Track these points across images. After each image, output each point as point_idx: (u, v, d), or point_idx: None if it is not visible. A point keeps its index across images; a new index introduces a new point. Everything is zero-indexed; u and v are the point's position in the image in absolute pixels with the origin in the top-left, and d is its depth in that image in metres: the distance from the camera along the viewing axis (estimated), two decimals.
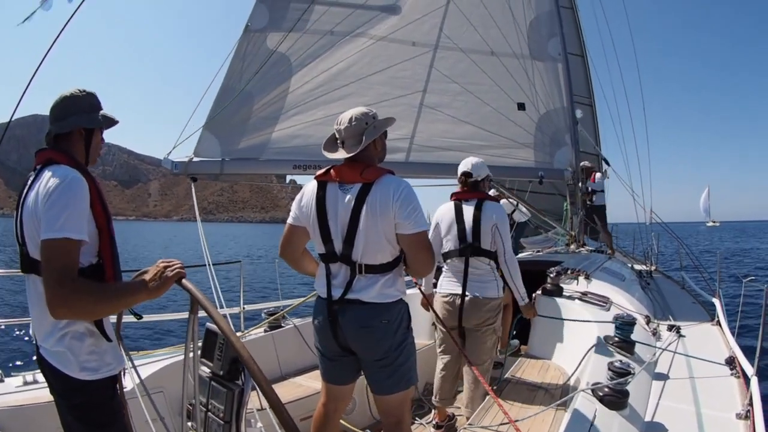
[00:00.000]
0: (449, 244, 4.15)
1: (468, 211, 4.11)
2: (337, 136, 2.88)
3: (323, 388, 3.05)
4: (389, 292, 2.77)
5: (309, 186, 2.92)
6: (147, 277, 2.10)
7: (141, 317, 2.61)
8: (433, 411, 4.46)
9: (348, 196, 2.73)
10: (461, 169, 4.26)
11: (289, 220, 2.98)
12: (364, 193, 2.70)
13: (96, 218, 2.08)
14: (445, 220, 4.19)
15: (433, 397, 4.32)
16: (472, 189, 4.22)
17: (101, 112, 2.34)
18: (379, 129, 2.87)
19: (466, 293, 4.06)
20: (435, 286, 4.39)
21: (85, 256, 2.04)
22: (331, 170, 2.83)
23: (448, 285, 4.20)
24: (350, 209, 2.70)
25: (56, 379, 2.09)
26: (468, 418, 3.88)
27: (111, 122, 2.38)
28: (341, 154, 2.84)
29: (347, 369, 2.96)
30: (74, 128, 2.25)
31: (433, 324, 4.31)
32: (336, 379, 3.00)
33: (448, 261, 4.20)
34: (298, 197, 2.95)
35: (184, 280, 2.11)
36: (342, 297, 2.74)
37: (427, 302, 4.12)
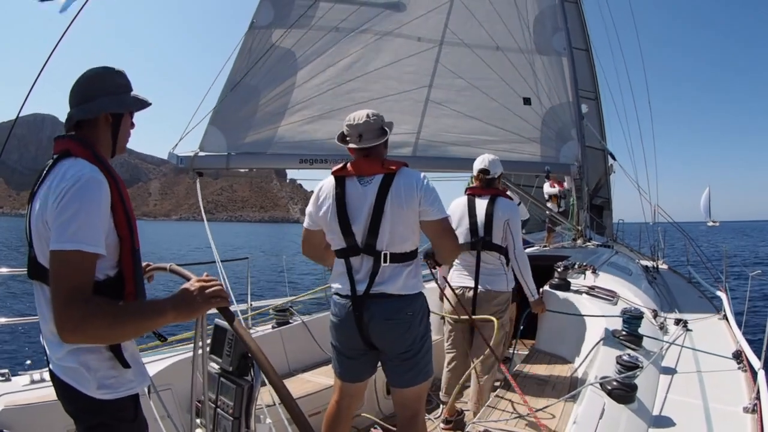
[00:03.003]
0: (460, 237, 4.07)
1: (481, 205, 4.16)
2: (350, 131, 2.87)
3: (337, 385, 3.05)
4: (413, 284, 2.79)
5: (326, 183, 2.92)
6: (178, 293, 1.83)
7: (165, 339, 2.38)
8: (441, 406, 4.46)
9: (370, 188, 2.76)
10: (478, 166, 4.31)
11: (305, 224, 3.00)
12: (387, 182, 2.73)
13: (117, 225, 1.80)
14: (456, 214, 4.23)
15: (440, 393, 4.34)
16: (487, 186, 4.28)
17: (132, 93, 2.03)
18: (391, 129, 2.94)
19: (478, 286, 4.12)
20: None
21: (102, 269, 1.76)
22: (348, 165, 2.85)
23: (458, 278, 4.24)
24: (374, 199, 2.72)
25: (68, 398, 1.84)
26: (475, 414, 3.89)
27: (142, 105, 2.06)
28: (365, 144, 2.84)
29: (365, 366, 2.98)
30: (101, 113, 1.93)
31: (442, 318, 4.32)
32: (353, 378, 3.00)
33: (459, 255, 4.19)
34: (314, 197, 2.95)
35: (173, 266, 2.05)
36: (367, 290, 2.73)
37: (443, 294, 4.18)
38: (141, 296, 1.91)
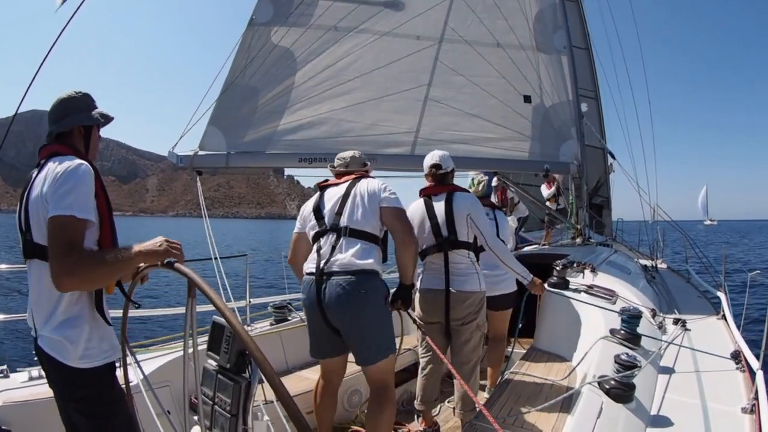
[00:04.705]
0: (424, 241, 3.98)
1: (438, 206, 3.97)
2: (339, 163, 3.74)
3: (320, 364, 3.53)
4: (367, 256, 3.18)
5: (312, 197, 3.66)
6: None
7: (139, 306, 2.60)
8: (418, 416, 4.34)
9: (342, 185, 3.48)
10: (429, 162, 4.15)
11: (294, 230, 3.63)
12: (355, 181, 3.47)
13: (98, 208, 2.16)
14: (416, 217, 4.03)
15: (415, 401, 4.20)
16: (440, 182, 4.11)
17: (96, 110, 2.47)
18: (370, 170, 3.83)
19: (450, 288, 3.91)
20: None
21: (86, 244, 2.10)
22: (329, 180, 3.66)
23: (427, 280, 4.01)
24: (344, 190, 3.42)
25: (55, 370, 2.14)
26: (463, 422, 3.87)
27: (107, 119, 2.52)
28: (350, 168, 3.69)
29: (329, 344, 3.33)
30: (74, 126, 2.38)
31: (415, 321, 4.01)
32: (319, 354, 3.44)
33: (427, 258, 4.02)
34: (302, 207, 3.62)
35: (177, 264, 2.14)
36: (327, 261, 3.16)
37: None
38: None
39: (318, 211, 3.42)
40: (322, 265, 3.16)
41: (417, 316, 4.05)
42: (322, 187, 3.59)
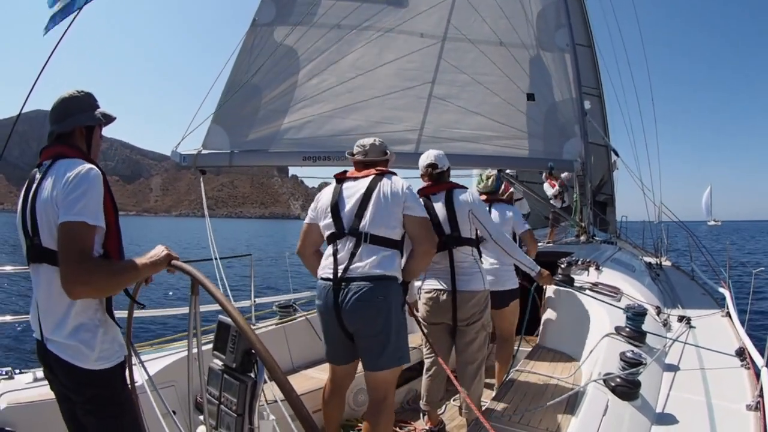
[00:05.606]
0: None
1: (438, 205, 3.89)
2: (358, 150, 3.50)
3: (329, 366, 3.40)
4: (388, 265, 3.07)
5: (329, 186, 3.43)
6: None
7: (144, 306, 2.65)
8: (423, 415, 4.34)
9: (362, 182, 3.25)
10: (425, 161, 4.08)
11: (306, 220, 3.45)
12: (377, 179, 3.23)
13: (105, 212, 2.14)
14: None
15: (421, 401, 4.17)
16: (437, 180, 4.05)
17: (98, 110, 2.43)
18: (393, 158, 3.60)
19: (456, 287, 3.85)
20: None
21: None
22: (347, 171, 3.41)
23: (430, 280, 3.95)
24: (364, 190, 3.19)
25: (65, 373, 2.13)
26: (469, 422, 3.86)
27: (109, 119, 2.48)
28: (369, 158, 3.46)
29: (344, 350, 3.25)
30: (76, 127, 2.34)
31: (419, 322, 3.97)
32: (334, 359, 3.33)
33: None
34: (317, 197, 3.44)
35: (180, 262, 2.23)
36: (345, 270, 3.05)
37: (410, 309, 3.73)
38: None
39: (336, 209, 3.21)
40: (340, 272, 3.06)
41: (421, 317, 4.00)
42: (340, 179, 3.39)
